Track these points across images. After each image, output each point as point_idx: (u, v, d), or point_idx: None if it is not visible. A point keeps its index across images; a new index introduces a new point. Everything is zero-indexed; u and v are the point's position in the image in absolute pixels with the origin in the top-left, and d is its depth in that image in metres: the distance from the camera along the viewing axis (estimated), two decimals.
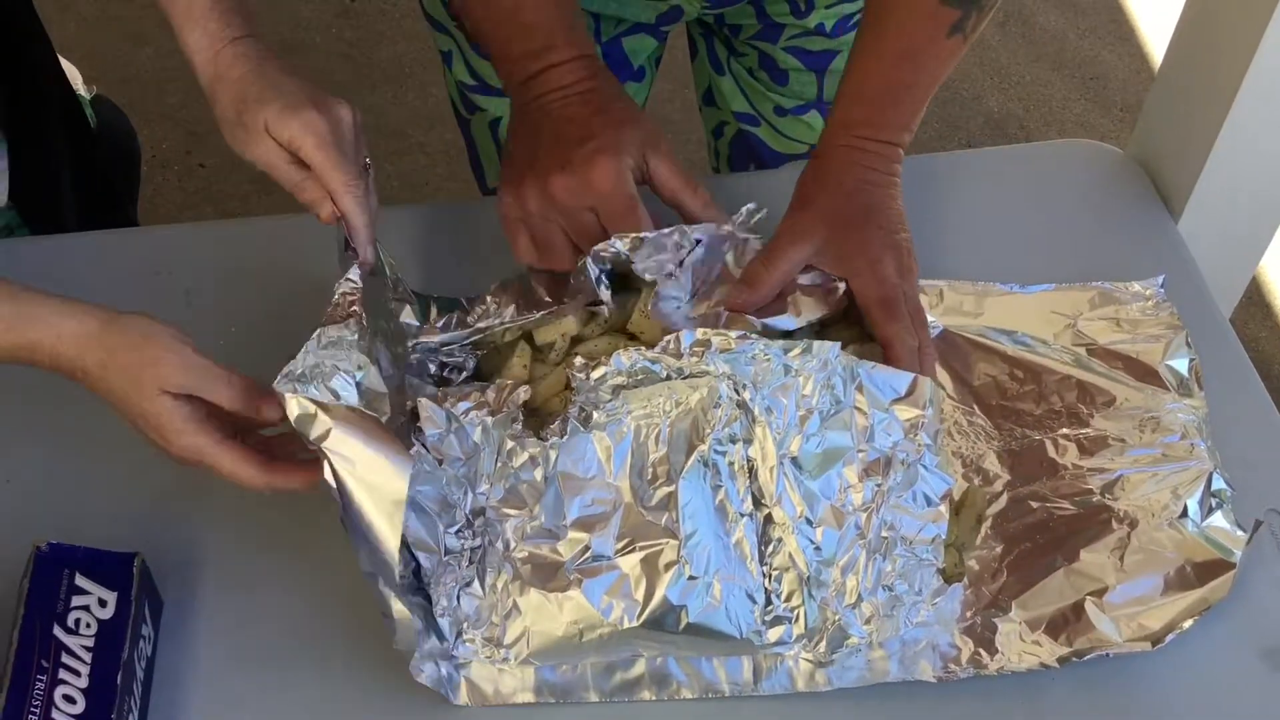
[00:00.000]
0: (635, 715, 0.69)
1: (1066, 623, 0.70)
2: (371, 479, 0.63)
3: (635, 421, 0.67)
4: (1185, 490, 0.74)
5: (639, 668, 0.70)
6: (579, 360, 0.70)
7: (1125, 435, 0.77)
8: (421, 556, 0.67)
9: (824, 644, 0.68)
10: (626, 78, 1.06)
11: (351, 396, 0.63)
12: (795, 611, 0.67)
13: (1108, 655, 0.69)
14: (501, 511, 0.67)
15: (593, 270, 0.73)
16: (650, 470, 0.67)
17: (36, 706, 0.63)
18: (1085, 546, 0.73)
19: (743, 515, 0.67)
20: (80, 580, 0.68)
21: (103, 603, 0.68)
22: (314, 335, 0.65)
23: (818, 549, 0.67)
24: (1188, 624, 0.69)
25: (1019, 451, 0.78)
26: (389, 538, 0.64)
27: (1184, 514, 0.73)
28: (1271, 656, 0.71)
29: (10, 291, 0.68)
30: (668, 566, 0.66)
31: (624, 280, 0.76)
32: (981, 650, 0.70)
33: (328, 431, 0.62)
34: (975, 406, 0.80)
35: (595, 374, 0.67)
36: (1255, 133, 0.86)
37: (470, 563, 0.67)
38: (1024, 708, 0.69)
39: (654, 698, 0.70)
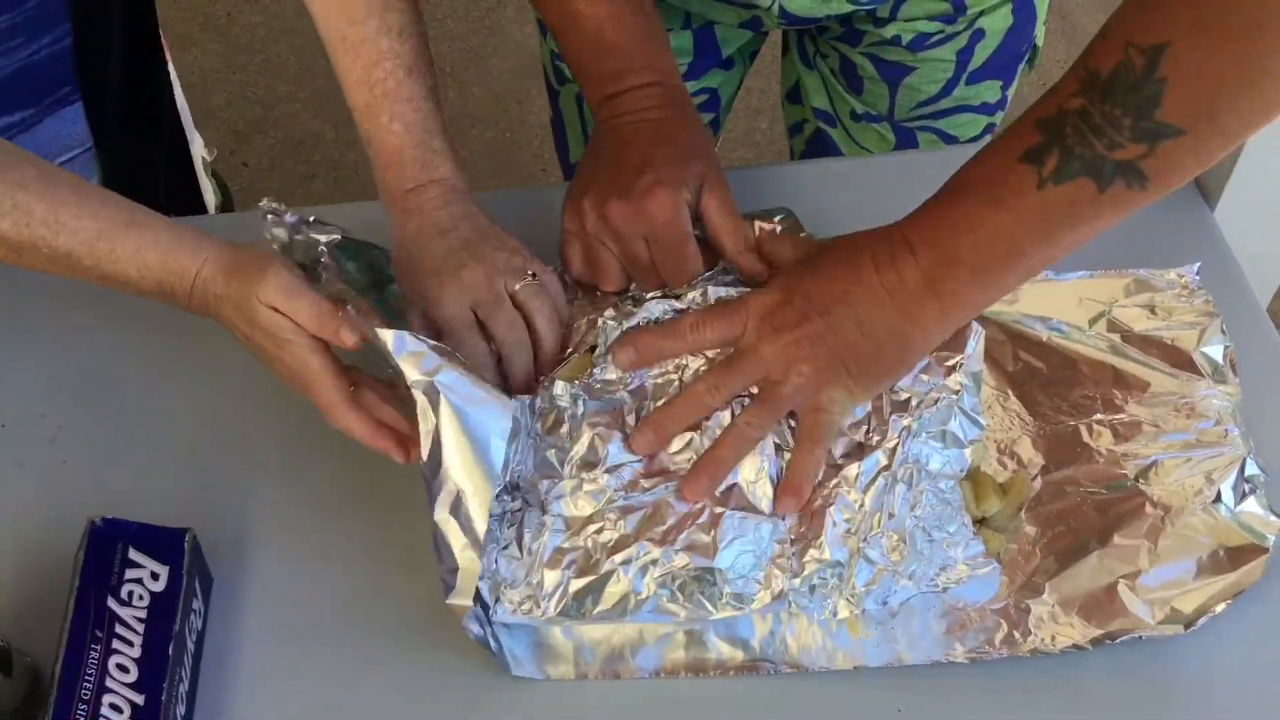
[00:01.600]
0: (674, 692, 0.71)
1: (1099, 605, 0.71)
2: (479, 413, 0.66)
3: (653, 380, 0.71)
4: (1219, 475, 0.74)
5: (678, 645, 0.71)
6: (610, 311, 0.74)
7: (1159, 421, 0.78)
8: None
9: (854, 580, 0.69)
10: (714, 64, 1.07)
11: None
12: (819, 541, 0.69)
13: (1140, 638, 0.70)
14: (535, 479, 0.70)
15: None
16: None
17: (91, 674, 0.65)
18: (1119, 530, 0.73)
19: (765, 457, 0.69)
20: (133, 554, 0.70)
21: (155, 576, 0.70)
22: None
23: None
24: (1220, 608, 0.70)
25: (1053, 437, 0.78)
26: (487, 473, 0.66)
27: (1217, 499, 0.73)
28: None
29: (152, 219, 0.73)
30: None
31: None
32: (1015, 631, 0.70)
33: (439, 366, 0.66)
34: (1010, 392, 0.80)
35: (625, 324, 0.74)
36: None
37: (510, 525, 0.69)
38: (1057, 689, 0.70)
39: (692, 675, 0.71)
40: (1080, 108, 0.61)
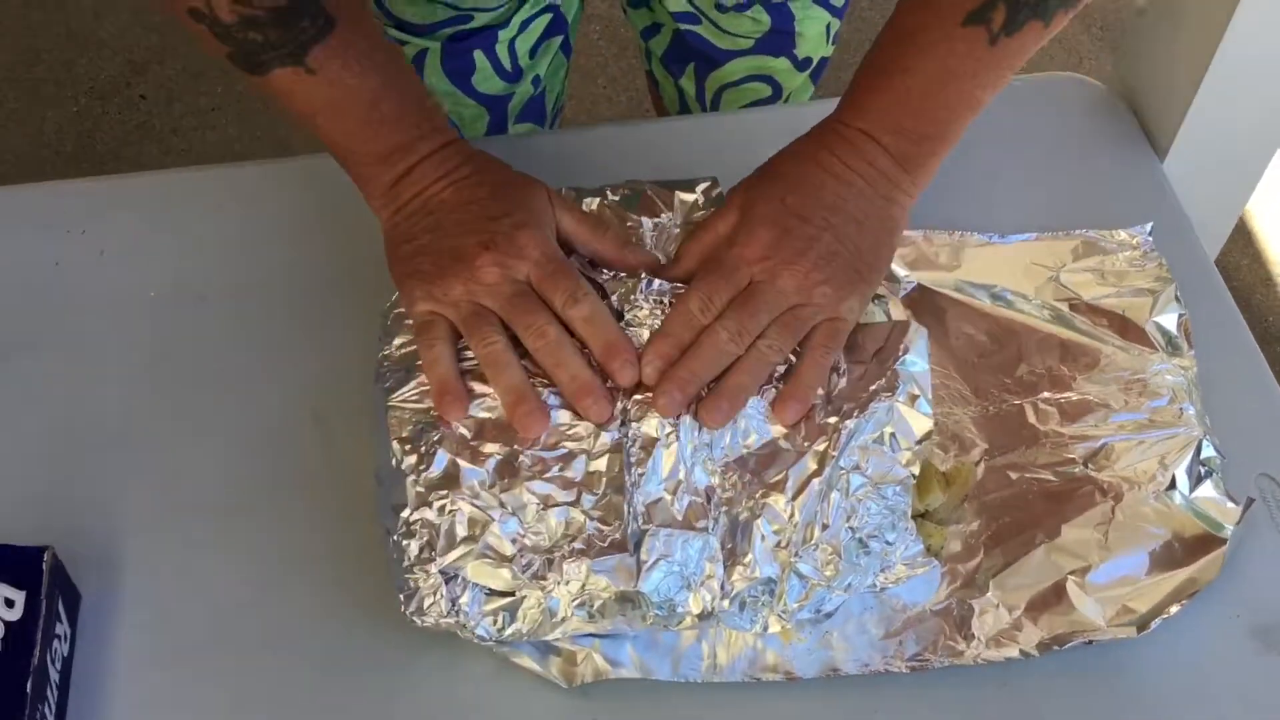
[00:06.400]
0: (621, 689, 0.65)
1: (1046, 604, 0.66)
2: None
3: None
4: (1173, 459, 0.69)
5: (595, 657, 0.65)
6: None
7: (1110, 399, 0.72)
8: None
9: (786, 598, 0.63)
10: None
11: None
12: (748, 557, 0.62)
13: (1090, 643, 0.65)
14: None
15: None
16: None
17: None
18: (1067, 521, 0.68)
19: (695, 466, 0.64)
20: None
21: (9, 603, 0.63)
22: None
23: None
24: (1175, 609, 0.65)
25: (997, 417, 0.73)
26: None
27: (1171, 485, 0.68)
28: (1262, 635, 0.67)
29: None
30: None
31: None
32: (957, 636, 0.65)
33: None
34: (951, 368, 0.75)
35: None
36: (1249, 62, 0.80)
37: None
38: (1002, 693, 0.65)
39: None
40: None
